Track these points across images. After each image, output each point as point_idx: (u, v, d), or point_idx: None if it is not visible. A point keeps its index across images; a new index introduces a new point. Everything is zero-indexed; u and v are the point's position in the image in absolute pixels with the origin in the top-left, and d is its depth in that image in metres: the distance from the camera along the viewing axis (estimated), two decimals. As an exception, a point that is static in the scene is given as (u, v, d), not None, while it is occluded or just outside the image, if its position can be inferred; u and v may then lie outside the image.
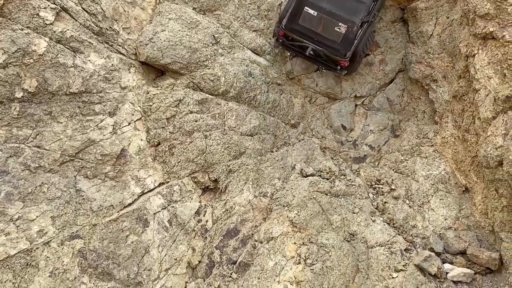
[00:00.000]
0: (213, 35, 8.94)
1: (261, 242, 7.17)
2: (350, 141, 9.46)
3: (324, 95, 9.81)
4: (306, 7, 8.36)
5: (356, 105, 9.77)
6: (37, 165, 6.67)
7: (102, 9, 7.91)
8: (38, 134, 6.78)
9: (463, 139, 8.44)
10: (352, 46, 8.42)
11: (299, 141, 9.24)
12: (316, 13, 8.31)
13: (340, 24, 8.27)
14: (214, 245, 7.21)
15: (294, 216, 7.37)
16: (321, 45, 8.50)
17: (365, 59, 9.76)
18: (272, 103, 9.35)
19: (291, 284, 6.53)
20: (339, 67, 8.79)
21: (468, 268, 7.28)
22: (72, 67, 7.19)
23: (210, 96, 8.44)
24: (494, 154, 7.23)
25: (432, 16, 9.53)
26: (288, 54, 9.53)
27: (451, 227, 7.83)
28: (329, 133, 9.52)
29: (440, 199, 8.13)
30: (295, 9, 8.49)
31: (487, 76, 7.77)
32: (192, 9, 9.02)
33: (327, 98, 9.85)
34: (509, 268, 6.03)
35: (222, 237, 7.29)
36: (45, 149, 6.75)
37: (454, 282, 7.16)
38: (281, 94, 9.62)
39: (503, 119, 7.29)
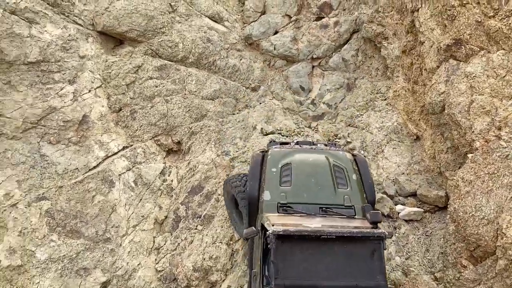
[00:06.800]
0: (170, 3, 9.11)
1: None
2: (309, 101, 9.83)
3: (282, 58, 10.12)
4: None
5: (313, 67, 10.13)
6: (-1, 133, 6.85)
7: (56, -20, 8.00)
8: (-2, 103, 6.94)
9: (412, 91, 8.91)
10: None
11: (260, 103, 9.56)
12: None
13: None
14: (180, 202, 7.53)
15: (255, 170, 7.73)
16: None
17: (320, 22, 10.12)
18: (232, 68, 9.63)
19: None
20: None
21: (418, 207, 7.81)
22: (28, 37, 7.32)
23: (169, 62, 8.67)
24: (438, 100, 7.72)
25: (380, -25, 9.90)
26: None
27: (403, 173, 8.33)
28: (288, 94, 9.86)
29: (393, 148, 8.61)
30: None
31: (430, 28, 8.21)
32: (148, -22, 9.14)
33: (285, 61, 10.16)
34: (451, 201, 6.55)
35: (187, 194, 7.61)
36: (6, 117, 6.91)
37: (406, 220, 7.69)
38: (241, 59, 9.90)
39: (445, 67, 7.75)
